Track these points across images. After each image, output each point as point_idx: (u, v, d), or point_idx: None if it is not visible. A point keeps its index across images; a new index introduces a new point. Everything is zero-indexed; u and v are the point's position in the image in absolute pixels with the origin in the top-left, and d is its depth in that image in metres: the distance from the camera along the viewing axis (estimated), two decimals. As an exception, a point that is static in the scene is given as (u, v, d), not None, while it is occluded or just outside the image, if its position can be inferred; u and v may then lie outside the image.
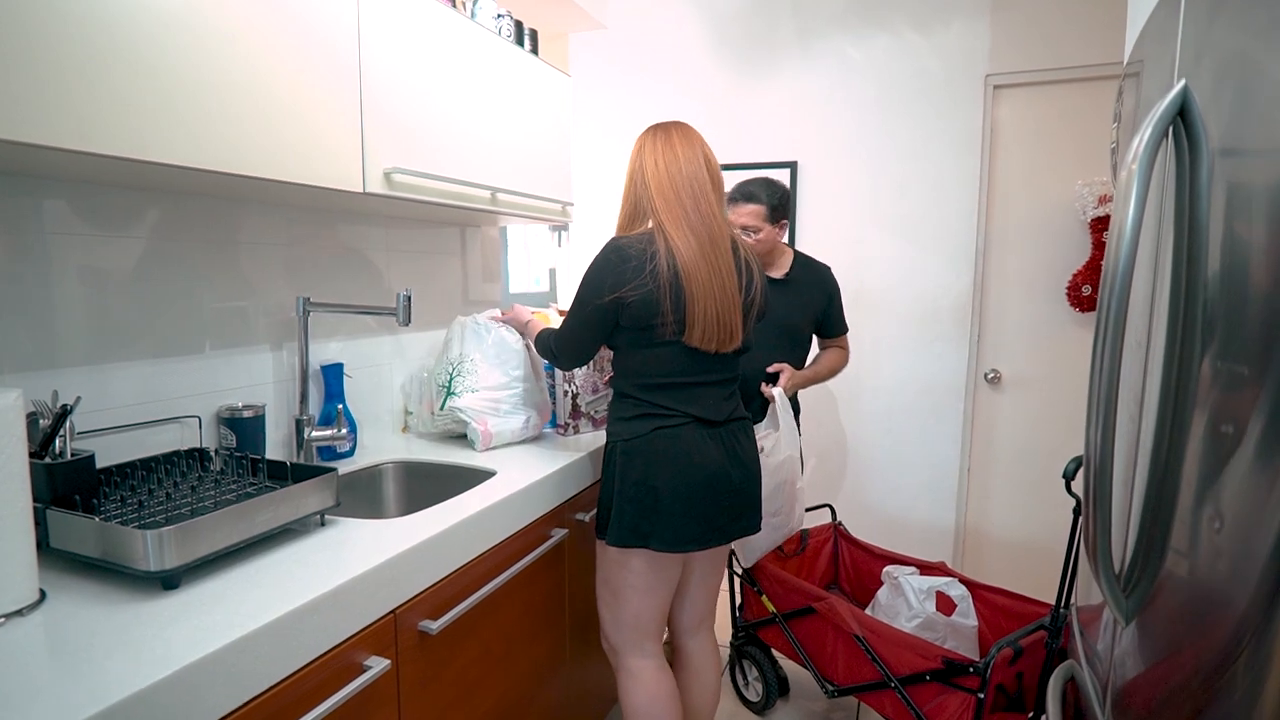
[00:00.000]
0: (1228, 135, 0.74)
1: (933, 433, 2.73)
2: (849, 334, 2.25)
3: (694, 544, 1.45)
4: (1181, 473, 0.81)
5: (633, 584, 1.49)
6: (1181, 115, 0.84)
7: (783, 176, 2.84)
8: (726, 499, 1.47)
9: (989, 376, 2.67)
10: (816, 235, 2.83)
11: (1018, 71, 2.50)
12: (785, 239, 2.11)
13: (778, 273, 2.09)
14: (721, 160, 2.86)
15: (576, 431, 1.86)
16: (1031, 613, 1.72)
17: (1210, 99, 0.78)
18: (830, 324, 2.15)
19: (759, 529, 1.57)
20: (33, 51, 0.84)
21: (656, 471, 1.42)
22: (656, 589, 1.51)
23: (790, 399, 2.16)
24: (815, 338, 2.20)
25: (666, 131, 1.50)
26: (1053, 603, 1.51)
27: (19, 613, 0.87)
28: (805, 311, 2.08)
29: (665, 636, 1.65)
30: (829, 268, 2.19)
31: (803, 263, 2.14)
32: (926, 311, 2.70)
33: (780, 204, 2.02)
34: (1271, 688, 0.61)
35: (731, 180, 2.86)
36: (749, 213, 1.99)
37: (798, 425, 2.19)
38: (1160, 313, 0.90)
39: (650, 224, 1.46)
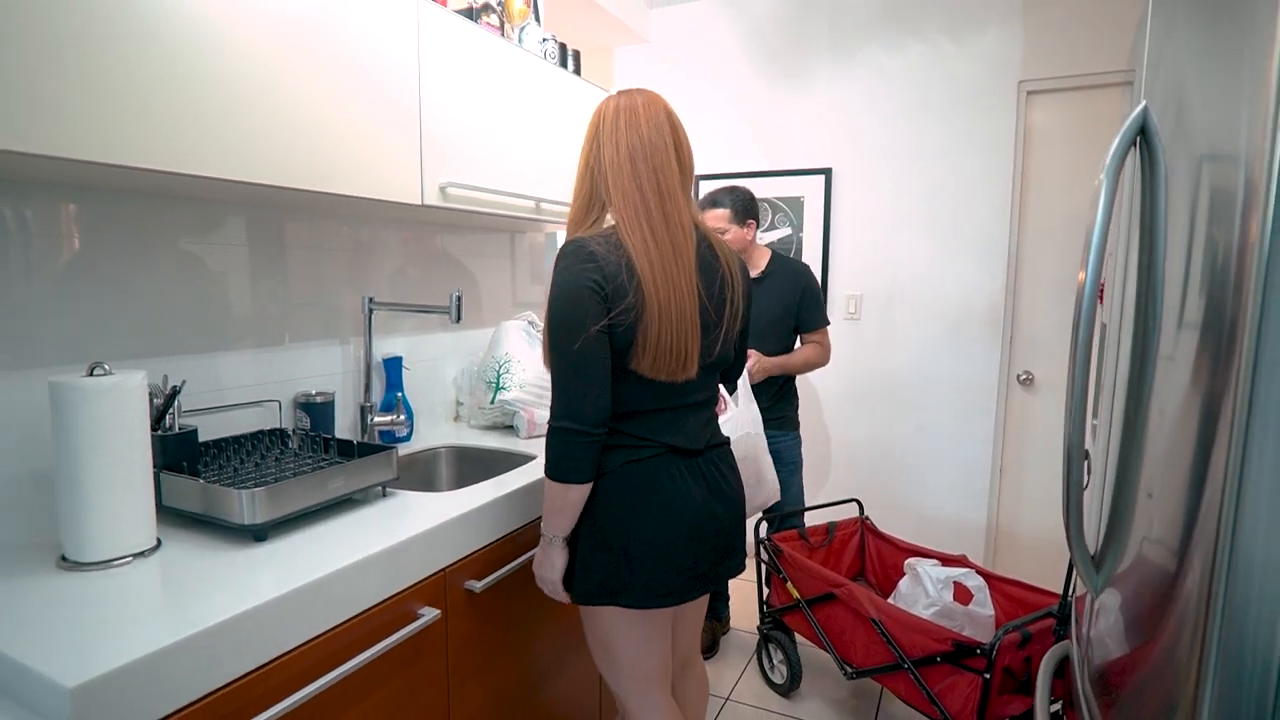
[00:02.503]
0: (1169, 151, 0.83)
1: (965, 432, 2.78)
2: (832, 330, 2.38)
3: (673, 597, 1.23)
4: (1143, 455, 0.90)
5: (620, 638, 1.29)
6: (1144, 132, 0.93)
7: (818, 183, 2.94)
8: (711, 540, 1.26)
9: (1021, 378, 2.70)
10: (851, 239, 2.91)
11: (1051, 77, 2.54)
12: (756, 238, 2.31)
13: (754, 271, 2.27)
14: (759, 167, 3.01)
15: None
16: (1045, 603, 1.78)
17: (1162, 117, 0.88)
18: (805, 317, 2.28)
19: (744, 568, 1.38)
20: (168, 94, 1.03)
21: (627, 516, 1.20)
22: (650, 638, 1.30)
23: (786, 390, 2.30)
24: (799, 335, 2.34)
25: (631, 104, 1.23)
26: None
27: (141, 554, 1.05)
28: (780, 306, 2.24)
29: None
30: (807, 265, 2.36)
31: (779, 261, 2.31)
32: (959, 313, 2.76)
33: (744, 206, 2.23)
34: (1193, 655, 0.69)
35: (763, 187, 2.98)
36: (714, 216, 2.20)
37: (795, 416, 2.36)
38: (1129, 312, 0.99)
39: (608, 220, 1.23)
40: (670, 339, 1.16)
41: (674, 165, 1.21)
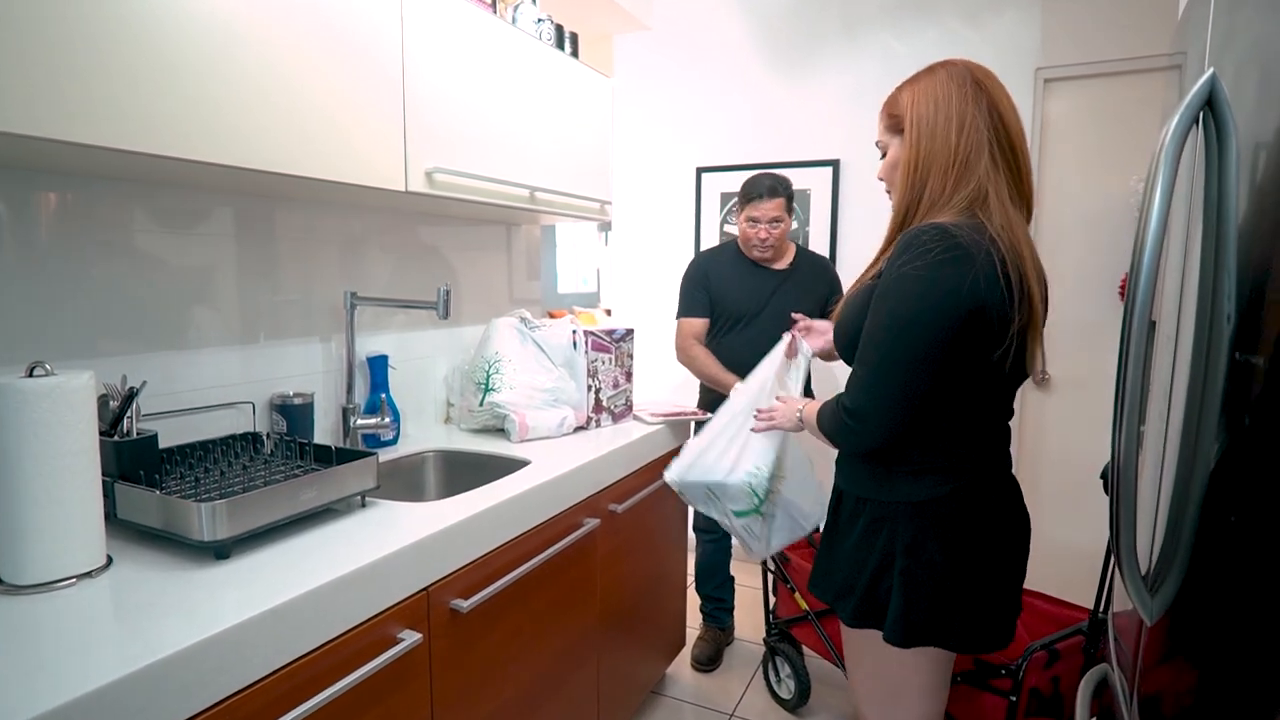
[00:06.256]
0: (1250, 123, 0.73)
1: (978, 434, 2.68)
2: None
3: (1000, 644, 1.15)
4: (1209, 465, 0.80)
5: (920, 685, 1.18)
6: (1211, 104, 0.82)
7: (825, 175, 2.83)
8: (1022, 574, 1.20)
9: (1038, 377, 2.60)
10: (860, 234, 2.80)
11: (1069, 64, 2.43)
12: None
13: (783, 264, 2.25)
14: (765, 159, 2.91)
15: (598, 425, 1.91)
16: (1072, 618, 1.68)
17: (1236, 87, 0.77)
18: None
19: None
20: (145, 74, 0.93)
21: (963, 547, 1.10)
22: (945, 686, 1.22)
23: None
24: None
25: (985, 72, 1.10)
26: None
27: (88, 575, 0.95)
28: (810, 300, 2.18)
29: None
30: (828, 260, 2.37)
31: (803, 254, 2.30)
32: (973, 311, 2.65)
33: (792, 195, 2.21)
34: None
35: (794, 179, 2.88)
36: (776, 205, 2.14)
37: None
38: (1189, 306, 0.89)
39: (954, 209, 1.06)
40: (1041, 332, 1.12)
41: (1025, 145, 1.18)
